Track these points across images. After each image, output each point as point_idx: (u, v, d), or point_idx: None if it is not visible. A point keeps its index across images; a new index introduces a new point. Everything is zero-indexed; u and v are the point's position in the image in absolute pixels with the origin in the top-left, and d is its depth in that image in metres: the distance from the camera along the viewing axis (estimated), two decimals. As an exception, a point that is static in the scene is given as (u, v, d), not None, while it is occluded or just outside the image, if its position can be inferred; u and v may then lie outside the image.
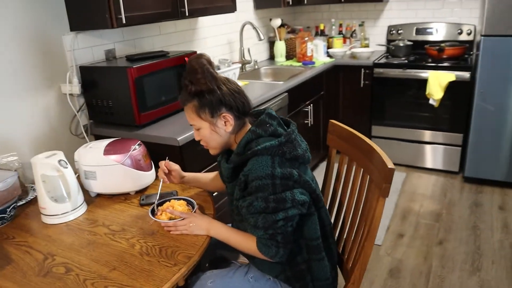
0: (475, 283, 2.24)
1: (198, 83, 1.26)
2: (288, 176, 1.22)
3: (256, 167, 1.22)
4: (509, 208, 2.94)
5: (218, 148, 1.37)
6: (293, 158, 1.26)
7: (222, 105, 1.28)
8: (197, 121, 1.31)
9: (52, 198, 1.49)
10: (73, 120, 2.04)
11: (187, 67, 1.28)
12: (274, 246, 1.25)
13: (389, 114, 3.53)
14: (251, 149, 1.26)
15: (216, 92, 1.27)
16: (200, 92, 1.27)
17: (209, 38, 2.96)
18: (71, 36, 1.97)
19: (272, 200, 1.21)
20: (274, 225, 1.22)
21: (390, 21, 3.88)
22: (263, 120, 1.31)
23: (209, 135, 1.33)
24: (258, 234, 1.25)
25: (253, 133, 1.28)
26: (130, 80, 1.85)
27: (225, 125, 1.31)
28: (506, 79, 2.92)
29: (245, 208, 1.26)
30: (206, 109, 1.28)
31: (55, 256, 1.31)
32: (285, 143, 1.25)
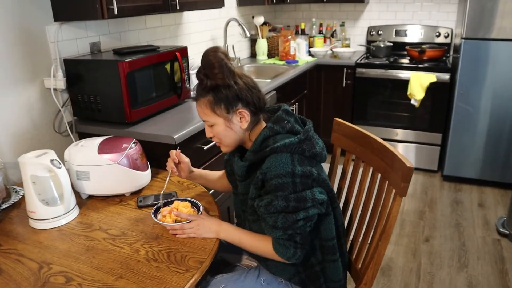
0: (464, 279, 2.27)
1: (215, 77, 1.20)
2: (308, 174, 1.18)
3: (275, 164, 1.16)
4: (488, 205, 3.02)
5: (231, 146, 1.31)
6: (311, 156, 1.22)
7: (238, 101, 1.22)
8: (211, 117, 1.25)
9: (43, 201, 1.36)
10: (57, 117, 1.90)
11: (203, 61, 1.22)
12: (292, 247, 1.19)
13: (370, 114, 3.57)
14: (268, 146, 1.20)
15: (233, 87, 1.21)
16: (216, 86, 1.21)
17: (194, 34, 2.87)
18: (55, 27, 1.84)
19: (293, 199, 1.15)
20: (294, 225, 1.17)
21: (370, 22, 3.92)
22: (280, 117, 1.25)
23: (224, 132, 1.26)
24: (276, 234, 1.19)
25: (270, 129, 1.23)
26: (121, 75, 1.74)
27: (240, 121, 1.25)
28: (485, 81, 3.01)
29: (263, 208, 1.20)
30: (221, 104, 1.22)
31: (51, 264, 1.19)
32: (304, 141, 1.20)
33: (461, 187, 3.30)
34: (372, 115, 3.56)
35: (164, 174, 1.72)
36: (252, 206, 1.27)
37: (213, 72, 1.19)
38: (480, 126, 3.13)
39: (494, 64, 2.96)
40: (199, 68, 1.23)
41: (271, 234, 1.22)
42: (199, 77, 1.23)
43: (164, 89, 2.00)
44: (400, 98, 3.43)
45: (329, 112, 3.69)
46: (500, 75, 2.96)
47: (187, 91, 2.16)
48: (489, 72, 2.99)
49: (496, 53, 2.93)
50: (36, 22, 1.76)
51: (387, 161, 1.33)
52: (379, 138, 1.40)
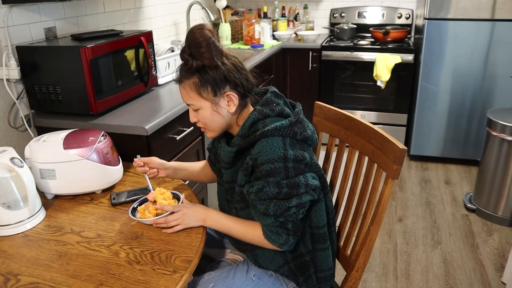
0: (439, 256, 2.32)
1: (201, 57, 1.10)
2: (301, 158, 1.11)
3: (266, 149, 1.09)
4: (454, 182, 3.11)
5: (217, 131, 1.22)
6: (303, 140, 1.15)
7: (226, 83, 1.13)
8: (196, 101, 1.15)
9: (4, 204, 1.22)
10: (12, 110, 1.72)
11: (189, 39, 1.11)
12: (285, 234, 1.13)
13: (337, 97, 3.56)
14: (257, 130, 1.13)
15: (221, 68, 1.12)
16: (202, 67, 1.11)
17: (155, 18, 2.71)
18: (4, 10, 1.65)
19: (285, 185, 1.09)
20: (286, 212, 1.10)
21: (332, 4, 3.89)
22: (269, 99, 1.18)
23: (210, 116, 1.17)
24: (267, 221, 1.12)
25: (259, 112, 1.15)
26: (84, 62, 1.59)
27: (228, 105, 1.16)
28: (448, 60, 3.06)
29: (253, 194, 1.12)
30: (208, 86, 1.12)
31: (19, 275, 1.06)
32: (295, 123, 1.14)
33: (427, 166, 3.37)
34: (338, 97, 3.55)
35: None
36: (240, 194, 1.19)
37: (199, 51, 1.09)
38: (442, 105, 3.19)
39: (456, 43, 3.01)
40: (183, 47, 1.13)
41: (261, 221, 1.15)
42: (183, 57, 1.13)
43: (129, 77, 1.86)
44: (365, 80, 3.44)
45: (295, 95, 3.65)
46: (461, 55, 3.03)
47: (153, 79, 2.03)
48: (451, 51, 3.04)
49: (457, 33, 2.99)
50: (-19, 5, 1.57)
51: (376, 143, 1.29)
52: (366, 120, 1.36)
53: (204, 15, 3.38)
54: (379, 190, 1.28)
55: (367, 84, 3.45)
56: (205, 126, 1.21)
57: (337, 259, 1.46)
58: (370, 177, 1.34)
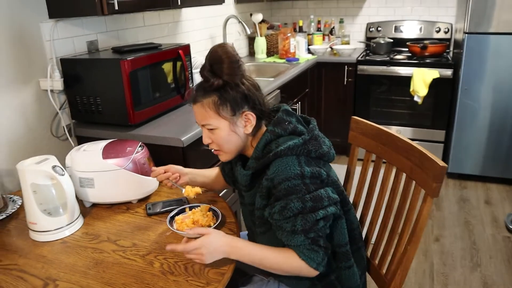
0: (478, 278, 2.21)
1: (223, 74, 1.09)
2: (317, 175, 1.09)
3: (281, 168, 1.07)
4: (494, 202, 2.98)
5: (232, 153, 1.20)
6: (318, 157, 1.14)
7: (245, 102, 1.13)
8: (214, 120, 1.13)
9: (45, 211, 1.26)
10: (54, 120, 1.79)
11: (211, 57, 1.10)
12: (322, 251, 1.09)
13: (372, 112, 3.50)
14: (271, 151, 1.11)
15: (241, 87, 1.12)
16: (223, 85, 1.10)
17: (192, 32, 2.77)
18: (50, 24, 1.73)
19: (309, 199, 1.06)
20: (315, 226, 1.07)
21: (368, 18, 3.86)
22: (281, 118, 1.17)
23: (227, 137, 1.15)
24: (298, 241, 1.08)
25: (271, 133, 1.14)
26: (123, 74, 1.64)
27: (245, 125, 1.15)
28: (488, 76, 2.96)
29: (277, 214, 1.09)
30: (228, 105, 1.11)
31: (57, 281, 1.09)
32: (309, 141, 1.12)
33: (466, 184, 3.25)
34: (374, 112, 3.50)
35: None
36: (260, 218, 1.17)
37: (222, 68, 1.08)
38: (482, 122, 3.08)
39: (497, 58, 2.91)
40: (203, 65, 1.12)
41: (291, 242, 1.09)
42: (203, 75, 1.12)
43: (167, 89, 1.90)
44: (402, 95, 3.37)
45: (330, 110, 3.62)
46: (503, 70, 2.92)
47: (191, 91, 2.06)
48: (492, 66, 2.94)
49: (499, 47, 2.89)
50: (30, 19, 1.65)
51: (414, 160, 1.25)
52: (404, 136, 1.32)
53: (240, 29, 3.43)
54: (417, 208, 1.24)
55: (404, 99, 3.38)
56: (219, 148, 1.19)
57: (372, 278, 1.42)
58: (408, 194, 1.30)
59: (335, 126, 3.65)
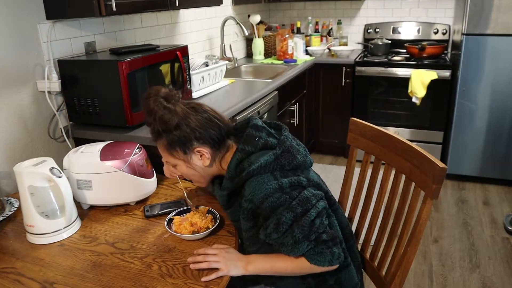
0: (477, 280, 2.21)
1: (160, 121, 1.12)
2: (297, 183, 1.10)
3: (258, 187, 1.08)
4: (493, 203, 2.98)
5: (203, 182, 1.25)
6: (293, 168, 1.13)
7: (192, 140, 1.14)
8: (171, 159, 1.20)
9: (43, 213, 1.25)
10: (52, 122, 1.78)
11: (144, 107, 1.15)
12: (326, 249, 1.09)
13: (370, 113, 3.50)
14: (243, 169, 1.11)
15: (183, 126, 1.13)
16: (165, 130, 1.14)
17: (190, 33, 2.76)
18: (48, 26, 1.72)
19: (297, 205, 1.07)
20: (313, 227, 1.07)
21: (366, 19, 3.86)
22: (250, 134, 1.17)
23: (187, 171, 1.21)
24: (303, 248, 1.08)
25: (242, 152, 1.15)
26: (121, 76, 1.63)
27: (201, 159, 1.18)
28: (487, 77, 2.97)
29: (273, 233, 1.08)
30: (176, 147, 1.15)
31: (55, 284, 1.08)
32: (281, 155, 1.12)
33: (464, 185, 3.25)
34: (372, 114, 3.50)
35: (170, 181, 1.62)
36: (252, 238, 1.17)
37: (154, 119, 1.12)
38: (480, 123, 3.08)
39: (495, 59, 2.91)
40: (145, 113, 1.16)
41: (299, 252, 1.09)
42: (147, 122, 1.17)
43: (165, 91, 1.89)
44: (400, 96, 3.37)
45: (328, 111, 3.62)
46: (501, 71, 2.92)
47: (188, 92, 2.06)
48: (490, 68, 2.94)
49: (497, 49, 2.89)
50: (28, 20, 1.64)
51: (414, 161, 1.25)
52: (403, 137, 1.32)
53: (238, 30, 3.43)
54: (416, 210, 1.23)
55: (402, 101, 3.38)
56: (189, 178, 1.24)
57: (371, 279, 1.42)
58: (407, 196, 1.30)
59: (333, 127, 3.64)
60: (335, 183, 2.98)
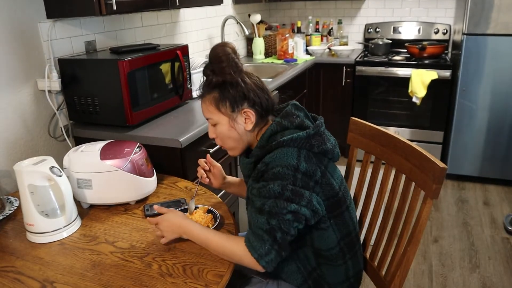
0: (477, 280, 2.21)
1: (222, 73, 1.13)
2: (311, 174, 1.10)
3: (279, 156, 1.09)
4: (493, 203, 2.98)
5: (237, 148, 1.23)
6: (321, 153, 1.14)
7: (244, 100, 1.16)
8: (215, 115, 1.18)
9: (43, 212, 1.25)
10: (52, 121, 1.78)
11: (211, 55, 1.16)
12: (269, 244, 1.06)
13: (371, 113, 3.50)
14: (275, 141, 1.12)
15: (240, 85, 1.14)
16: (222, 83, 1.14)
17: (190, 32, 2.76)
18: (48, 24, 1.72)
19: (289, 190, 1.07)
20: (282, 215, 1.06)
21: (367, 19, 3.86)
22: (289, 111, 1.19)
23: (227, 132, 1.19)
24: (258, 221, 1.08)
25: (278, 124, 1.15)
26: (121, 75, 1.63)
27: (245, 122, 1.18)
28: (487, 77, 2.96)
29: (255, 190, 1.11)
30: (226, 102, 1.15)
31: (55, 283, 1.08)
32: (313, 136, 1.12)
33: (464, 185, 3.25)
34: (372, 113, 3.50)
35: (170, 180, 1.62)
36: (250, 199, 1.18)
37: (220, 66, 1.13)
38: (480, 123, 3.08)
39: (495, 59, 2.91)
40: (207, 63, 1.17)
41: (253, 222, 1.10)
42: (205, 73, 1.18)
43: (165, 90, 1.89)
44: (400, 96, 3.37)
45: (329, 111, 3.61)
46: (501, 71, 2.92)
47: (188, 92, 2.06)
48: (490, 68, 2.94)
49: (497, 49, 2.89)
50: (28, 19, 1.64)
51: (414, 161, 1.25)
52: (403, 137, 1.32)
53: (238, 29, 3.42)
54: (416, 210, 1.23)
55: (402, 100, 3.38)
56: (222, 143, 1.24)
57: (371, 279, 1.42)
58: (407, 196, 1.30)
59: (333, 127, 3.63)
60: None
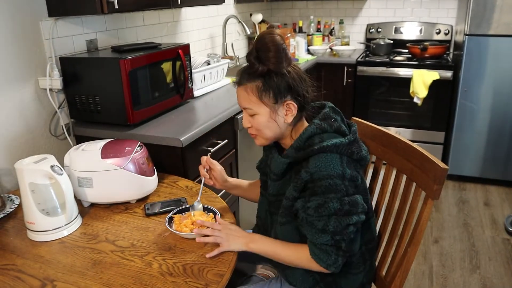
0: (477, 281, 2.21)
1: (269, 62, 1.09)
2: (355, 179, 1.10)
3: (324, 165, 1.06)
4: (494, 204, 2.98)
5: (270, 139, 1.19)
6: (359, 160, 1.13)
7: (288, 91, 1.12)
8: (255, 105, 1.13)
9: (43, 211, 1.25)
10: (53, 119, 1.78)
11: (259, 43, 1.10)
12: (334, 254, 1.10)
13: (371, 113, 3.50)
14: (312, 144, 1.10)
15: (286, 75, 1.11)
16: (268, 72, 1.10)
17: (192, 31, 2.76)
18: (50, 23, 1.72)
19: (347, 203, 1.07)
20: (346, 230, 1.08)
21: (368, 19, 3.85)
22: (328, 114, 1.17)
23: (266, 123, 1.14)
24: (323, 239, 1.09)
25: (318, 126, 1.13)
26: (123, 73, 1.63)
27: (286, 114, 1.14)
28: (489, 78, 2.96)
29: (312, 210, 1.09)
30: (270, 92, 1.11)
31: (55, 281, 1.08)
32: (353, 142, 1.12)
33: (465, 186, 3.25)
34: (373, 113, 3.50)
35: (171, 179, 1.62)
36: (288, 208, 1.15)
37: (268, 55, 1.08)
38: (482, 124, 3.08)
39: (497, 60, 2.91)
40: (251, 50, 1.12)
41: (315, 240, 1.10)
42: (249, 60, 1.12)
43: (166, 89, 1.89)
44: (401, 96, 3.37)
45: (329, 111, 3.61)
46: (503, 72, 2.92)
47: (189, 91, 2.05)
48: (492, 68, 2.94)
49: (499, 49, 2.89)
50: (30, 17, 1.64)
51: (415, 162, 1.25)
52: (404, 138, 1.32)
53: (240, 29, 3.42)
54: (417, 210, 1.23)
55: (403, 101, 3.38)
56: (257, 133, 1.18)
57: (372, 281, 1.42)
58: (408, 196, 1.30)
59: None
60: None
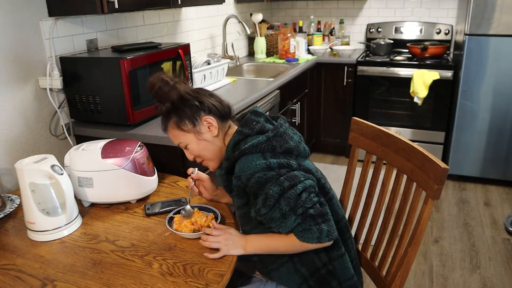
0: (477, 281, 2.21)
1: (166, 96, 1.18)
2: (286, 165, 1.12)
3: (247, 165, 1.11)
4: (494, 204, 2.97)
5: (215, 159, 1.26)
6: (285, 152, 1.16)
7: (199, 110, 1.19)
8: (182, 137, 1.22)
9: (44, 210, 1.25)
10: (53, 119, 1.78)
11: (148, 88, 1.20)
12: (313, 225, 1.09)
13: (372, 113, 3.50)
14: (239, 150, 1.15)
15: (188, 98, 1.19)
16: (172, 106, 1.18)
17: (192, 31, 2.76)
18: (50, 22, 1.72)
19: (284, 180, 1.09)
20: (299, 200, 1.08)
21: (369, 19, 3.85)
22: (249, 118, 1.21)
23: (199, 147, 1.22)
24: (290, 223, 1.09)
25: (239, 133, 1.18)
26: (123, 73, 1.63)
27: (209, 129, 1.21)
28: (489, 78, 2.96)
29: (262, 208, 1.10)
30: (185, 120, 1.19)
31: (55, 281, 1.08)
32: (273, 137, 1.15)
33: (465, 186, 3.25)
34: (373, 113, 3.50)
35: (171, 179, 1.62)
36: (243, 216, 1.20)
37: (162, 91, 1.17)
38: (482, 124, 3.08)
39: (498, 60, 2.91)
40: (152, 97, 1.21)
41: (287, 227, 1.10)
42: (156, 107, 1.23)
43: (166, 89, 1.89)
44: (401, 96, 3.37)
45: (330, 111, 3.61)
46: (503, 72, 2.91)
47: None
48: (492, 68, 2.93)
49: (499, 49, 2.88)
50: (30, 17, 1.64)
51: (415, 162, 1.24)
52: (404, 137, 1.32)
53: (240, 29, 3.42)
54: (417, 210, 1.23)
55: (403, 101, 3.38)
56: (202, 159, 1.26)
57: (372, 280, 1.42)
58: (408, 196, 1.30)
59: (335, 127, 3.64)
60: (336, 182, 2.98)
